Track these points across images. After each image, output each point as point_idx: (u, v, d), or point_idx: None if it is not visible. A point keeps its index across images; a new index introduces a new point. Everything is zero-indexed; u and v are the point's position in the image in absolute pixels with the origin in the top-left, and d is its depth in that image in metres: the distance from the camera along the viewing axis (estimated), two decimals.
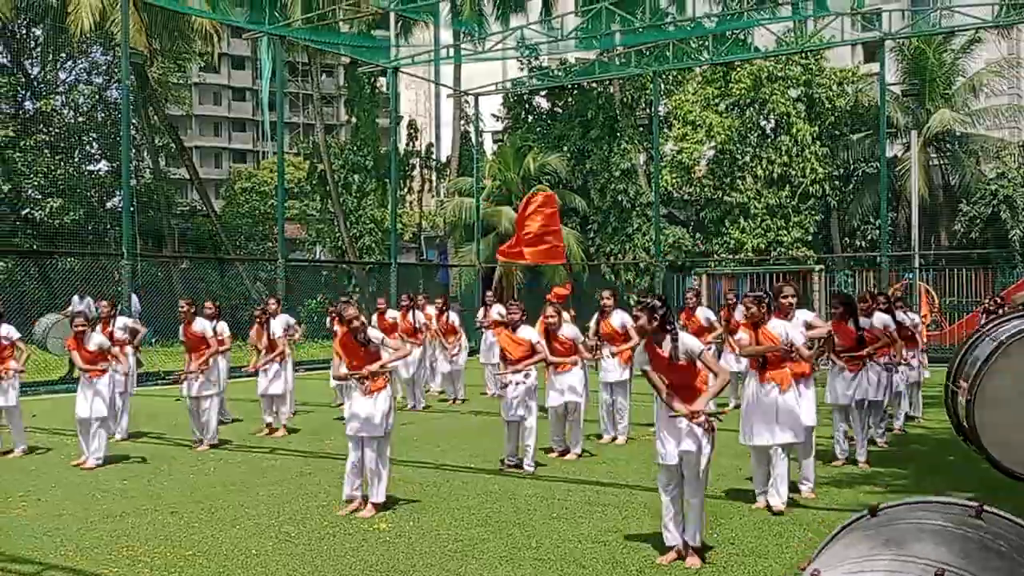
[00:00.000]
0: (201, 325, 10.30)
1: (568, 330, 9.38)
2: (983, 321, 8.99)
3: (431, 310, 14.54)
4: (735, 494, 7.51)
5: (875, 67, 24.68)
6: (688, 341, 5.90)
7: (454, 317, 14.50)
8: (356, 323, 7.20)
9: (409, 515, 7.00)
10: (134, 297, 19.33)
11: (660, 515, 6.81)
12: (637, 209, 28.26)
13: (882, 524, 1.93)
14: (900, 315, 11.22)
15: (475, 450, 9.91)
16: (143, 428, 11.52)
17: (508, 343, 8.84)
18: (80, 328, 9.37)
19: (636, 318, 5.92)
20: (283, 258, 20.46)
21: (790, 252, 26.56)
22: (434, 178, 34.92)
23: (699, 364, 5.86)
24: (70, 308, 18.68)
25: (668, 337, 5.82)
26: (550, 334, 9.09)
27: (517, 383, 8.56)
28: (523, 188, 28.92)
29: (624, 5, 22.22)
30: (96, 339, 9.44)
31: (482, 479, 8.36)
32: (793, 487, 7.51)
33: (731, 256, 27.04)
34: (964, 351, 5.05)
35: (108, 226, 33.47)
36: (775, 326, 7.02)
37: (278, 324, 11.56)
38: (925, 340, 18.21)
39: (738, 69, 27.58)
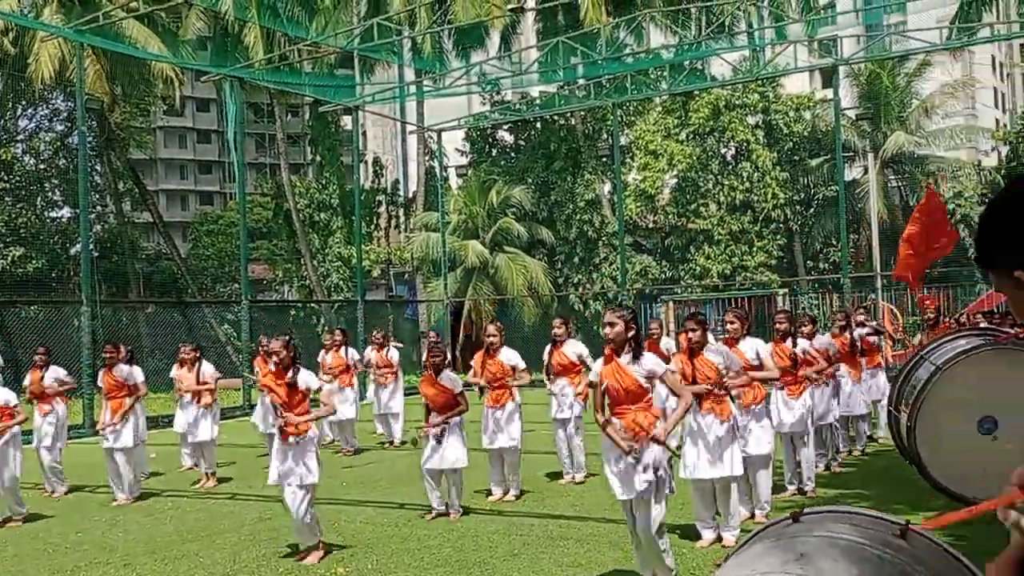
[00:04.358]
0: (123, 371, 9.93)
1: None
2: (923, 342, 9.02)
3: (394, 352, 14.14)
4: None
5: (831, 92, 25.12)
6: (651, 360, 5.78)
7: (394, 354, 13.99)
8: (281, 357, 7.02)
9: (367, 556, 6.92)
10: None
11: (622, 547, 6.80)
12: (603, 239, 28.42)
13: (800, 533, 1.82)
14: (859, 331, 11.29)
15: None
16: (91, 480, 11.04)
17: (430, 390, 8.25)
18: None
19: (611, 324, 5.73)
20: (247, 299, 20.29)
21: (754, 277, 26.78)
22: (400, 214, 34.95)
23: (659, 385, 5.76)
24: None
25: (632, 352, 5.72)
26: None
27: (434, 436, 8.04)
28: (488, 222, 29.05)
29: (582, 38, 22.51)
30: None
31: (445, 518, 8.27)
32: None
33: (697, 282, 27.22)
34: (904, 374, 5.10)
35: (72, 273, 33.16)
36: (712, 354, 6.80)
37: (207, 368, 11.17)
38: (890, 359, 18.38)
39: (697, 98, 27.95)
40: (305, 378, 7.12)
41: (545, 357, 10.07)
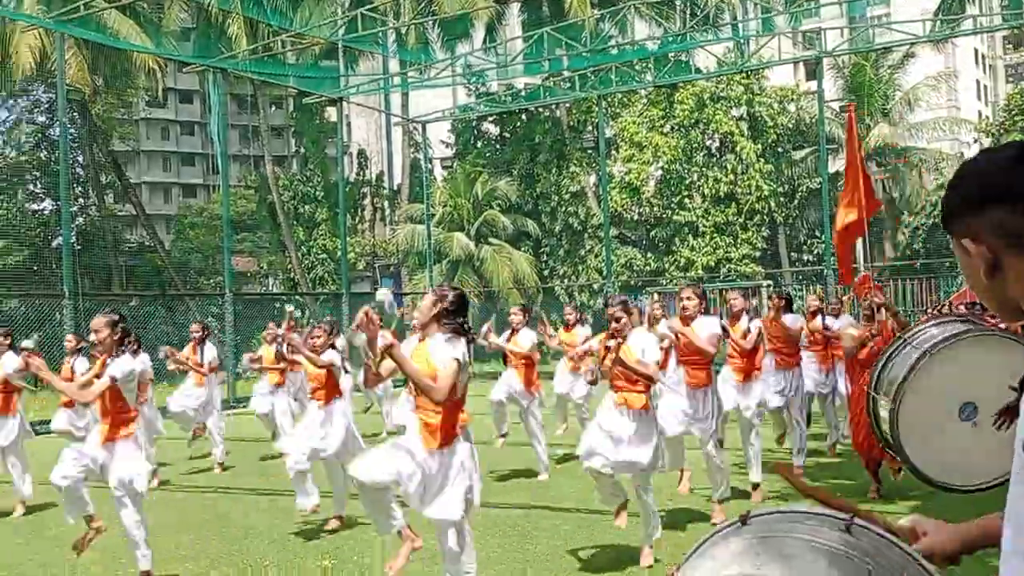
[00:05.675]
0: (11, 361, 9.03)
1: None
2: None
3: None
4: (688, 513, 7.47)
5: (815, 84, 25.19)
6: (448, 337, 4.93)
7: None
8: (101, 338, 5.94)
9: (331, 549, 6.91)
10: None
11: (597, 539, 6.81)
12: (588, 231, 28.46)
13: (755, 535, 1.76)
14: (830, 320, 11.15)
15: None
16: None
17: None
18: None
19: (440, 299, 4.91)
20: (231, 291, 20.23)
21: (739, 268, 26.87)
22: (385, 206, 34.88)
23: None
24: None
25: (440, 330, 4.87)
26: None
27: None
28: (473, 214, 29.02)
29: (567, 30, 22.49)
30: None
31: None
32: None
33: (682, 274, 27.28)
34: (886, 358, 5.12)
35: (54, 266, 32.96)
36: (635, 342, 6.09)
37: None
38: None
39: (681, 90, 27.98)
40: (120, 364, 5.92)
41: (503, 343, 9.69)
